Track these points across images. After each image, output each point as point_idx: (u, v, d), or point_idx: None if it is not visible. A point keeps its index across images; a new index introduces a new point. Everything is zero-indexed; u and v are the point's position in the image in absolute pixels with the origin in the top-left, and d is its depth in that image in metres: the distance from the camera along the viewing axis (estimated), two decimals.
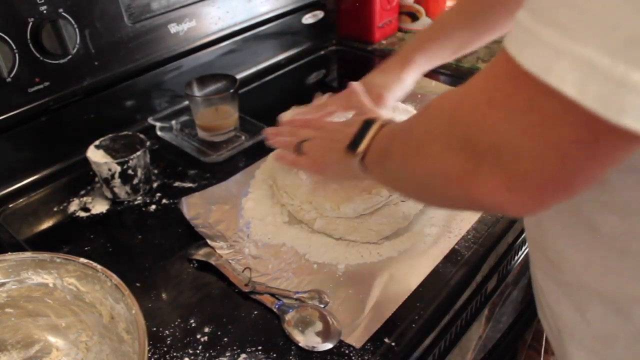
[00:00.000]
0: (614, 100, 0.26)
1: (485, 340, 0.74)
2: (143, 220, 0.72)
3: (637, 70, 0.25)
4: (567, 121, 0.29)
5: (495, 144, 0.32)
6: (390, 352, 0.52)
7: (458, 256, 0.62)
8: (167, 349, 0.54)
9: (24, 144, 0.78)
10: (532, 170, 0.31)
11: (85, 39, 0.77)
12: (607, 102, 0.26)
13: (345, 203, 0.65)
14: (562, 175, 0.31)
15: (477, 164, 0.34)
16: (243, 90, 0.99)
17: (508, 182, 0.33)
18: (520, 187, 0.33)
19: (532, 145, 0.31)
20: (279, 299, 0.58)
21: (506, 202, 0.34)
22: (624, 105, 0.26)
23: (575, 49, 0.27)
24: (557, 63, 0.28)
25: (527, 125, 0.31)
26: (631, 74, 0.26)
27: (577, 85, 0.27)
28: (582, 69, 0.27)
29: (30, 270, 0.53)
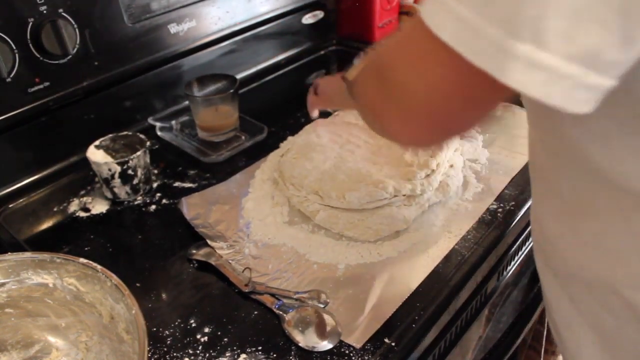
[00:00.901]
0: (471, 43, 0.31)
1: (485, 340, 0.74)
2: (143, 220, 0.72)
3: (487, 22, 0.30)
4: (453, 66, 0.33)
5: (398, 82, 0.37)
6: (390, 352, 0.52)
7: (458, 256, 0.62)
8: (167, 349, 0.54)
9: (24, 144, 0.78)
10: (420, 107, 0.37)
11: (85, 39, 0.77)
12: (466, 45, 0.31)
13: (351, 192, 0.65)
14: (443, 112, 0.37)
15: (386, 98, 0.39)
16: (243, 90, 0.99)
17: (402, 115, 0.38)
18: (410, 120, 0.38)
19: (423, 86, 0.36)
20: (279, 299, 0.58)
21: (401, 133, 0.40)
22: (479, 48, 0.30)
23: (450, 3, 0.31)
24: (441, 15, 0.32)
25: (419, 60, 0.36)
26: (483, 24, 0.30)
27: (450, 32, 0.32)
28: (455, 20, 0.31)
29: (30, 270, 0.53)
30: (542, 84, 0.29)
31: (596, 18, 0.27)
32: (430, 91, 0.36)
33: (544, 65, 0.29)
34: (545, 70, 0.29)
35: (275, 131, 0.86)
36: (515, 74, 0.30)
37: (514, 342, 0.83)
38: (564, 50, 0.28)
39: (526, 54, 0.29)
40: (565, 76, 0.29)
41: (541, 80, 0.29)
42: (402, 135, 0.41)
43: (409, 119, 0.38)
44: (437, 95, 0.36)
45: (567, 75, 0.28)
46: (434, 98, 0.36)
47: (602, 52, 0.28)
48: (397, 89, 0.38)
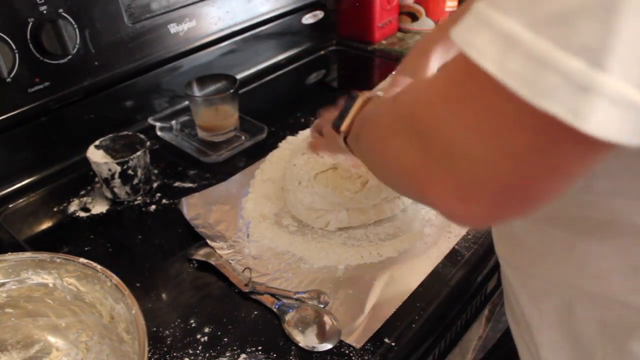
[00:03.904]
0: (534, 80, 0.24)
1: (485, 340, 0.74)
2: (143, 220, 0.72)
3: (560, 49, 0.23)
4: (520, 123, 0.26)
5: (448, 145, 0.29)
6: (390, 352, 0.52)
7: (458, 256, 0.62)
8: (167, 349, 0.54)
9: (24, 144, 0.78)
10: (484, 180, 0.28)
11: (85, 39, 0.77)
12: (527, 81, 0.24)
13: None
14: (517, 187, 0.28)
15: (431, 166, 0.31)
16: (243, 90, 0.99)
17: (460, 192, 0.30)
18: (472, 198, 0.29)
19: (484, 151, 0.27)
20: (279, 299, 0.58)
21: (458, 212, 0.31)
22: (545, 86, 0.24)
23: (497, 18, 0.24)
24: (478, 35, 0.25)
25: (479, 127, 0.27)
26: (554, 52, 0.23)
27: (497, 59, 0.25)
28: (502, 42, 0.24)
29: (30, 270, 0.53)
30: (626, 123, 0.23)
31: None
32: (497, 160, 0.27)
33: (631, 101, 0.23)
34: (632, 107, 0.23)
35: (275, 131, 0.86)
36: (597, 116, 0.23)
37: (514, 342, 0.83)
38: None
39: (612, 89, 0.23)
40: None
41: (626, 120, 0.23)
42: (460, 215, 0.31)
43: (471, 197, 0.29)
44: (507, 166, 0.27)
45: None
46: (504, 170, 0.27)
47: None
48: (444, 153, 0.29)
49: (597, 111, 0.23)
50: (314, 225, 0.66)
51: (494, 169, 0.28)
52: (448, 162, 0.29)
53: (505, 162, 0.27)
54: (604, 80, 0.23)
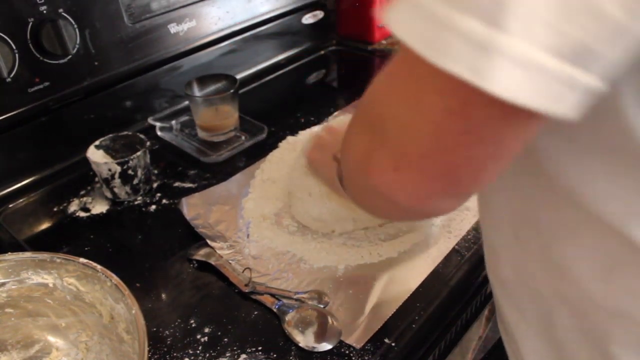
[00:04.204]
0: (436, 41, 0.25)
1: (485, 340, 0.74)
2: (143, 220, 0.72)
3: (457, 10, 0.24)
4: (434, 86, 0.27)
5: (382, 116, 0.31)
6: (390, 352, 0.52)
7: (458, 256, 0.62)
8: (167, 349, 0.54)
9: (24, 144, 0.78)
10: (410, 144, 0.29)
11: (85, 39, 0.77)
12: (429, 43, 0.25)
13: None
14: (439, 151, 0.29)
15: (372, 140, 0.32)
16: (243, 90, 0.99)
17: (393, 160, 0.31)
18: (403, 164, 0.30)
19: (407, 116, 0.29)
20: (279, 299, 0.58)
21: (393, 184, 0.32)
22: (446, 46, 0.25)
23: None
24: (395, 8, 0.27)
25: (403, 93, 0.29)
26: (452, 14, 0.24)
27: (406, 25, 0.26)
28: (410, 9, 0.26)
29: (30, 270, 0.53)
30: (533, 86, 0.24)
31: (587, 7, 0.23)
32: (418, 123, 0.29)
33: (536, 63, 0.24)
34: (537, 69, 0.24)
35: (275, 131, 0.86)
36: (498, 76, 0.24)
37: None
38: (555, 45, 0.24)
39: (513, 50, 0.24)
40: (556, 75, 0.24)
41: (532, 82, 0.24)
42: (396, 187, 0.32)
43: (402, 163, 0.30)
44: (427, 127, 0.28)
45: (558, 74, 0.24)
46: (424, 131, 0.29)
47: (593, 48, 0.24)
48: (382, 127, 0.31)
49: (498, 70, 0.24)
50: (319, 230, 0.66)
51: (417, 134, 0.29)
52: (383, 134, 0.31)
53: (426, 126, 0.28)
54: (502, 41, 0.23)
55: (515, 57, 0.24)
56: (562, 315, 0.41)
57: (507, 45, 0.24)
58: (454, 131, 0.28)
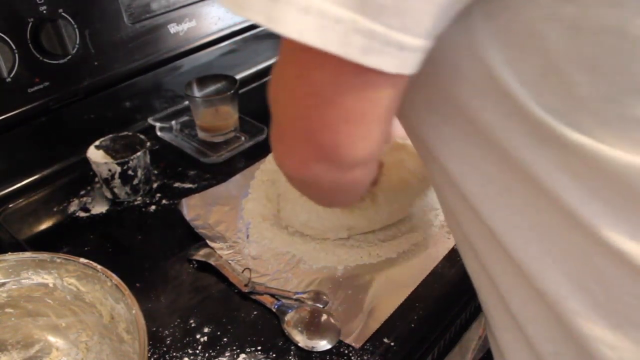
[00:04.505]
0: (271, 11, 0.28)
1: (485, 340, 0.75)
2: (143, 220, 0.72)
3: None
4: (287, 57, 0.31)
5: (271, 93, 0.34)
6: (389, 352, 0.52)
7: (457, 256, 0.62)
8: (167, 349, 0.54)
9: (24, 144, 0.78)
10: (281, 115, 0.34)
11: (85, 39, 0.77)
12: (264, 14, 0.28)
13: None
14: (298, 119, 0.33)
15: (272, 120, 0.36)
16: (243, 91, 0.99)
17: (276, 133, 0.35)
18: (280, 136, 0.35)
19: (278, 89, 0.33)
20: (279, 299, 0.58)
21: (279, 156, 0.36)
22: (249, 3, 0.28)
23: None
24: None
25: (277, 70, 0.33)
26: None
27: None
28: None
29: (30, 270, 0.53)
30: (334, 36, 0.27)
31: None
32: (282, 95, 0.33)
33: (326, 13, 0.27)
34: (330, 19, 0.27)
35: None
36: (288, 21, 0.27)
37: None
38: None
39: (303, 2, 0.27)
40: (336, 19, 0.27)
41: (329, 31, 0.27)
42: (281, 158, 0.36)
43: (281, 133, 0.35)
44: (285, 96, 0.33)
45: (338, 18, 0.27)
46: (284, 100, 0.33)
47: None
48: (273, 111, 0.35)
49: (288, 15, 0.27)
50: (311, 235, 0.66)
51: (283, 104, 0.33)
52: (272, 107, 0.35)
53: (286, 95, 0.33)
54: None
55: (300, 4, 0.27)
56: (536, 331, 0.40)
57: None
58: (303, 95, 0.32)
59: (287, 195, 0.66)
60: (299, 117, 0.33)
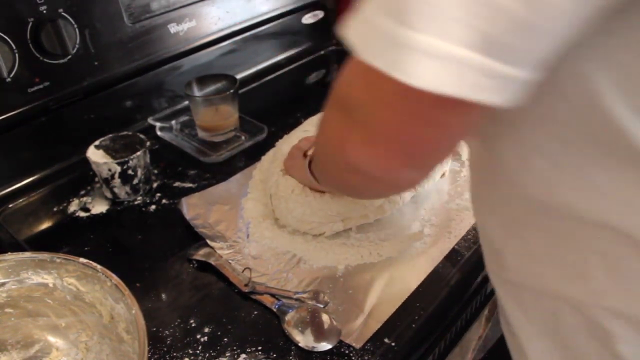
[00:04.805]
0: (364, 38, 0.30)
1: (485, 340, 0.74)
2: (143, 220, 0.72)
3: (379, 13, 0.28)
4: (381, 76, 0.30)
5: (349, 96, 0.35)
6: (390, 352, 0.52)
7: (458, 256, 0.62)
8: (167, 349, 0.54)
9: (24, 144, 0.78)
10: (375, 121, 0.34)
11: (85, 39, 0.77)
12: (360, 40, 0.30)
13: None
14: (397, 130, 0.34)
15: (346, 119, 0.36)
16: (243, 90, 0.99)
17: (363, 135, 0.35)
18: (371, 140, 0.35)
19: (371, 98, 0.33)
20: (279, 299, 0.58)
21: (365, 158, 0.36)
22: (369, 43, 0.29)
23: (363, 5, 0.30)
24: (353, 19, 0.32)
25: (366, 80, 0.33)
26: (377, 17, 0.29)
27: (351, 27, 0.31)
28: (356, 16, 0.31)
29: (30, 270, 0.53)
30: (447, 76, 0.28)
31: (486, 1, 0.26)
32: (379, 105, 0.33)
33: (446, 55, 0.27)
34: (449, 60, 0.27)
35: (275, 131, 0.86)
36: (409, 68, 0.28)
37: None
38: (463, 38, 0.27)
39: (421, 44, 0.27)
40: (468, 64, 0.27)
41: (446, 73, 0.28)
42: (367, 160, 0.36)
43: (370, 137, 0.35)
44: (387, 109, 0.33)
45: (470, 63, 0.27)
46: (385, 112, 0.33)
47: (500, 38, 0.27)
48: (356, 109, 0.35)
49: (411, 64, 0.28)
50: (308, 232, 0.66)
51: (380, 116, 0.34)
52: (355, 116, 0.35)
53: (385, 110, 0.33)
54: (412, 37, 0.27)
55: (423, 50, 0.27)
56: (568, 316, 0.41)
57: (417, 41, 0.27)
58: (405, 114, 0.32)
59: (278, 194, 0.66)
60: (397, 130, 0.34)
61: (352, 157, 0.37)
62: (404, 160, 0.36)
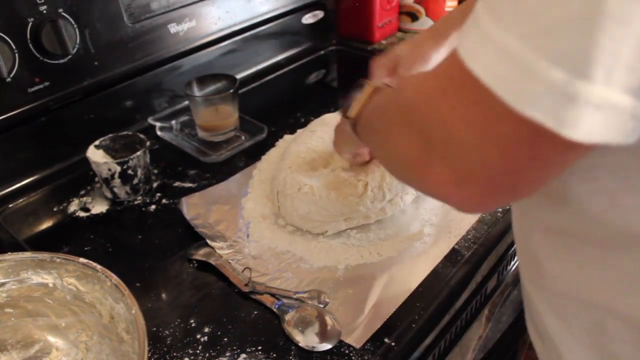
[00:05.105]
0: (520, 88, 0.26)
1: (485, 340, 0.74)
2: (143, 220, 0.72)
3: (545, 59, 0.25)
4: (505, 116, 0.28)
5: (445, 136, 0.32)
6: (390, 352, 0.52)
7: (458, 256, 0.62)
8: (167, 349, 0.54)
9: (24, 144, 0.78)
10: (476, 166, 0.31)
11: (85, 39, 0.77)
12: (512, 89, 0.26)
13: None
14: (505, 173, 0.31)
15: (430, 155, 0.34)
16: (243, 90, 0.99)
17: (456, 177, 0.32)
18: (467, 182, 0.32)
19: (476, 140, 0.30)
20: (279, 298, 0.58)
21: (455, 197, 0.34)
22: (529, 94, 0.26)
23: (497, 33, 0.26)
24: (480, 47, 0.28)
25: (472, 119, 0.30)
26: (539, 63, 0.25)
27: (490, 70, 0.27)
28: (497, 54, 0.27)
29: (30, 270, 0.53)
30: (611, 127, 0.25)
31: None
32: (487, 148, 0.30)
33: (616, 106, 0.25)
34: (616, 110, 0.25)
35: (275, 131, 0.86)
36: (583, 124, 0.25)
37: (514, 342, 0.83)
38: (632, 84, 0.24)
39: (596, 97, 0.24)
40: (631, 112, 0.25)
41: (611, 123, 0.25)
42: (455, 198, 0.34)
43: (466, 181, 0.32)
44: (496, 153, 0.30)
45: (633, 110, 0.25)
46: (493, 157, 0.30)
47: None
48: (442, 143, 0.32)
49: (581, 118, 0.25)
50: (310, 231, 0.66)
51: (485, 157, 0.30)
52: (445, 151, 0.32)
53: (494, 151, 0.30)
54: (586, 89, 0.24)
55: (597, 103, 0.25)
56: (615, 327, 0.40)
57: (590, 93, 0.24)
58: (521, 157, 0.30)
59: (285, 191, 0.66)
60: (504, 173, 0.31)
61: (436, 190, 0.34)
62: (502, 199, 0.34)
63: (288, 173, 0.67)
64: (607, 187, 0.35)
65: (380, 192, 0.64)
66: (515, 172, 0.31)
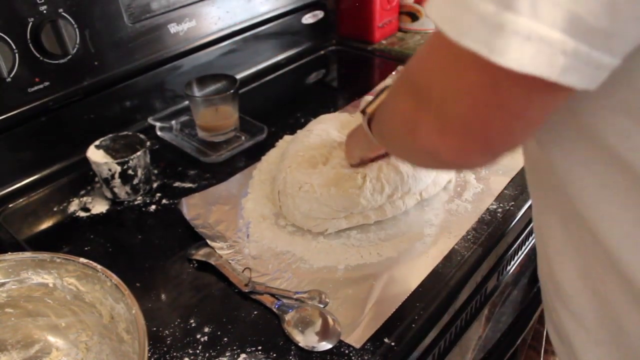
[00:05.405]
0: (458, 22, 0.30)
1: (485, 340, 0.74)
2: (143, 220, 0.72)
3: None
4: (471, 65, 0.31)
5: (427, 85, 0.35)
6: (390, 352, 0.52)
7: (458, 256, 0.62)
8: (167, 349, 0.54)
9: (24, 144, 0.78)
10: (453, 113, 0.34)
11: (85, 39, 0.77)
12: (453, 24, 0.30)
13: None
14: (478, 121, 0.33)
15: (418, 106, 0.36)
16: (243, 90, 0.99)
17: (439, 125, 0.35)
18: (447, 130, 0.35)
19: (452, 89, 0.33)
20: (279, 299, 0.58)
21: (441, 147, 0.36)
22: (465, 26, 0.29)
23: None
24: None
25: (447, 70, 0.33)
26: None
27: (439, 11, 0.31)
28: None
29: (30, 270, 0.53)
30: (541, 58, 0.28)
31: None
32: (458, 95, 0.33)
33: (544, 38, 0.28)
34: (545, 43, 0.28)
35: (275, 131, 0.86)
36: (510, 52, 0.28)
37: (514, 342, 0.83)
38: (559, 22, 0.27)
39: (523, 28, 0.28)
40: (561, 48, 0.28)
41: (542, 55, 0.28)
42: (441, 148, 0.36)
43: (447, 129, 0.35)
44: (466, 100, 0.33)
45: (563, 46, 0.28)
46: (464, 103, 0.33)
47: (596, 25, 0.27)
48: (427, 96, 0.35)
49: (509, 46, 0.28)
50: (312, 230, 0.66)
51: (459, 104, 0.33)
52: (428, 101, 0.35)
53: (466, 99, 0.33)
54: (512, 19, 0.28)
55: (524, 33, 0.28)
56: (632, 325, 0.41)
57: (517, 23, 0.28)
58: (489, 104, 0.32)
59: (286, 191, 0.66)
60: (478, 120, 0.33)
61: (425, 144, 0.37)
62: (479, 148, 0.36)
63: (288, 172, 0.67)
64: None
65: (379, 184, 0.64)
66: (486, 121, 0.33)
